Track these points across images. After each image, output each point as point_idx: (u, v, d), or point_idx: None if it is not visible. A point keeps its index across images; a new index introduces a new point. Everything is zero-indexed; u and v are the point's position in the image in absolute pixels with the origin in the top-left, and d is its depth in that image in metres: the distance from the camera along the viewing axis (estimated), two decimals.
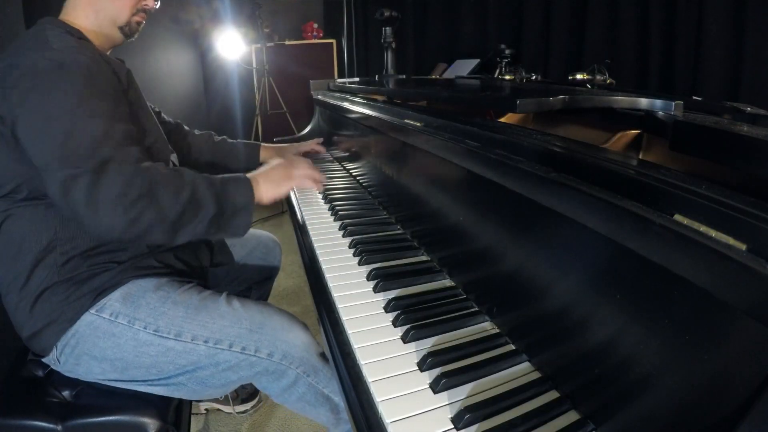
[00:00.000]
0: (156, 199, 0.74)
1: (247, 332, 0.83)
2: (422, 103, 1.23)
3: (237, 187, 0.85)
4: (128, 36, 0.96)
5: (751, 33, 1.62)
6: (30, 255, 0.81)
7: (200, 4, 3.40)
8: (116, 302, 0.83)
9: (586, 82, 1.17)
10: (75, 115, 0.74)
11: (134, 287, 0.85)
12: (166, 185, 0.75)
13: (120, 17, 0.92)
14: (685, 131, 0.55)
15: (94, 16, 0.90)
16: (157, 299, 0.84)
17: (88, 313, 0.81)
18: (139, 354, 0.82)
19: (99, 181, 0.70)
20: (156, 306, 0.83)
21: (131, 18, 0.93)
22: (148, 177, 0.74)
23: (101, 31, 0.92)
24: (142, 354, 0.82)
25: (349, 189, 1.27)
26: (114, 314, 0.82)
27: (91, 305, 0.81)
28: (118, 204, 0.71)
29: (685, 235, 0.35)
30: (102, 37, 0.92)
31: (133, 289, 0.84)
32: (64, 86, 0.75)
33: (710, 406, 0.34)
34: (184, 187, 0.77)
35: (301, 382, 0.86)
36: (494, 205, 0.65)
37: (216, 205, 0.79)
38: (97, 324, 0.81)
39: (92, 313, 0.81)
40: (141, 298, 0.84)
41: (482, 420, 0.48)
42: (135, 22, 0.95)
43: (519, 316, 0.61)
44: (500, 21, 2.59)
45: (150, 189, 0.73)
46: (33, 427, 0.78)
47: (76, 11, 0.90)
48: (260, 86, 3.31)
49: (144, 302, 0.83)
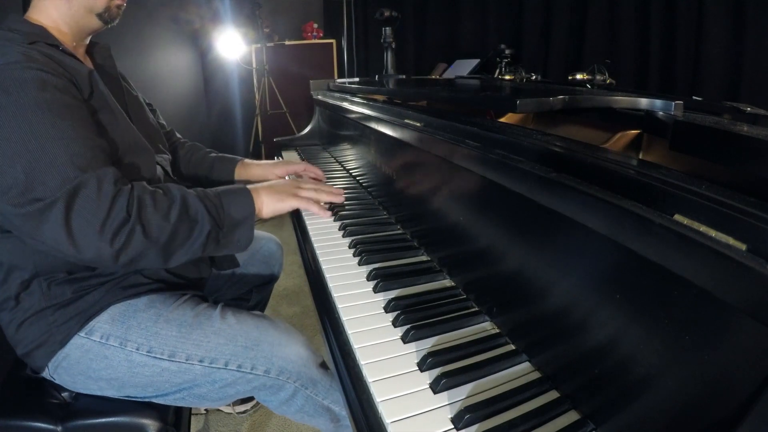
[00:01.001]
0: (143, 221, 0.68)
1: (243, 349, 0.80)
2: (422, 103, 1.23)
3: (236, 198, 0.80)
4: (108, 22, 0.88)
5: (751, 33, 1.62)
6: (15, 282, 0.78)
7: (200, 4, 3.40)
8: (105, 324, 0.79)
9: (586, 82, 1.17)
10: (32, 145, 0.65)
11: (123, 307, 0.81)
12: (152, 205, 0.70)
13: (97, 4, 0.84)
14: (685, 131, 0.55)
15: (67, 7, 0.83)
16: (148, 318, 0.80)
17: (77, 336, 0.79)
18: (134, 374, 0.79)
19: (72, 210, 0.64)
20: (148, 326, 0.80)
21: (110, 3, 0.86)
22: (130, 198, 0.69)
23: (75, 21, 0.84)
24: (136, 374, 0.79)
25: (349, 189, 1.27)
26: (104, 336, 0.79)
27: (79, 329, 0.79)
28: (102, 233, 0.65)
29: (685, 235, 0.35)
30: (76, 28, 0.85)
31: (122, 309, 0.81)
32: (13, 112, 0.66)
33: (710, 406, 0.34)
34: (172, 204, 0.72)
35: (300, 395, 0.84)
36: (494, 205, 0.65)
37: (212, 220, 0.75)
38: (88, 347, 0.79)
39: (82, 336, 0.79)
40: (131, 318, 0.80)
41: (482, 420, 0.48)
42: (115, 7, 0.87)
43: (519, 316, 0.61)
44: (500, 21, 2.59)
45: (135, 211, 0.68)
46: (33, 428, 0.78)
47: (42, 4, 0.82)
48: (260, 86, 3.31)
49: (135, 322, 0.80)
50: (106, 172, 0.69)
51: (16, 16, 0.82)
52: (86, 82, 0.81)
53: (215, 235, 0.76)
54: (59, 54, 0.80)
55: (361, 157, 1.31)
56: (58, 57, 0.78)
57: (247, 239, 0.81)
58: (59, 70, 0.75)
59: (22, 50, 0.73)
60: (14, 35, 0.76)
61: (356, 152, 1.36)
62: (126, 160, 0.84)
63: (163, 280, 0.87)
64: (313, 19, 3.73)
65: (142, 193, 0.71)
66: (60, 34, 0.84)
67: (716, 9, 1.68)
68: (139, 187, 0.72)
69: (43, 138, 0.66)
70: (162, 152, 1.02)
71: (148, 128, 0.99)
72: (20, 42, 0.75)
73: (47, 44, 0.79)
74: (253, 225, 0.82)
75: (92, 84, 0.82)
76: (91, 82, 0.82)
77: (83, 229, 0.65)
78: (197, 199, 0.76)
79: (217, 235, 0.77)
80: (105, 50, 0.97)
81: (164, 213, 0.71)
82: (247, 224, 0.81)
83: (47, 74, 0.71)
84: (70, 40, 0.87)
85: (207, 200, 0.77)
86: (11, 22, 0.80)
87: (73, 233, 0.65)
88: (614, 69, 1.26)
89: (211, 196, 0.78)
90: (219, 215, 0.77)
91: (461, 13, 2.79)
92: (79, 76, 0.80)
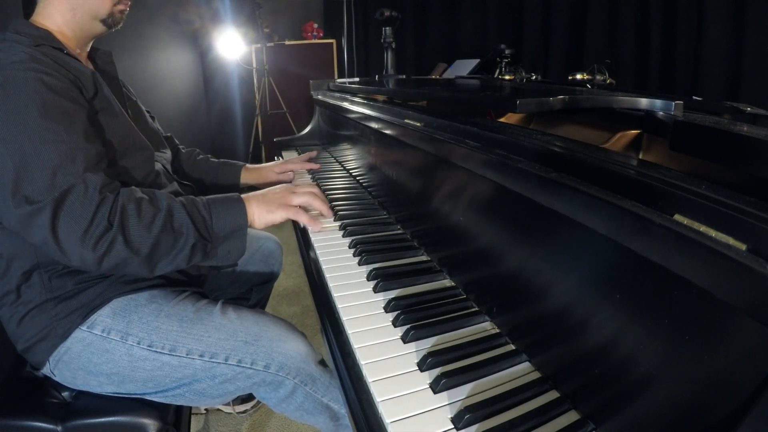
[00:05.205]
0: (125, 231, 0.69)
1: (243, 344, 0.81)
2: (422, 103, 1.23)
3: (227, 209, 0.80)
4: (111, 27, 0.90)
5: (751, 33, 1.62)
6: (17, 275, 0.79)
7: (200, 4, 3.40)
8: (107, 318, 0.80)
9: (586, 82, 1.17)
10: (25, 145, 0.67)
11: (125, 301, 0.82)
12: (136, 215, 0.70)
13: (101, 11, 0.87)
14: (685, 131, 0.55)
15: (72, 14, 0.85)
16: (149, 313, 0.81)
17: (78, 329, 0.79)
18: (134, 369, 0.80)
19: (59, 215, 0.66)
20: (149, 320, 0.80)
21: (113, 9, 0.88)
22: (115, 206, 0.69)
23: (79, 27, 0.87)
24: (137, 369, 0.80)
25: (349, 189, 1.27)
26: (106, 330, 0.79)
27: (81, 322, 0.79)
28: (85, 239, 0.66)
29: (685, 235, 0.35)
30: (80, 33, 0.87)
31: (124, 304, 0.81)
32: (9, 111, 0.68)
33: (710, 406, 0.34)
34: (157, 215, 0.72)
35: (299, 391, 0.84)
36: (494, 205, 0.65)
37: (197, 233, 0.74)
38: (89, 340, 0.79)
39: (83, 330, 0.79)
40: (133, 312, 0.81)
41: (482, 420, 0.48)
42: (118, 12, 0.89)
43: (519, 316, 0.61)
44: (500, 21, 2.59)
45: (118, 220, 0.68)
46: (33, 427, 0.78)
47: (47, 10, 0.84)
48: (260, 86, 3.31)
49: (136, 317, 0.80)
50: (93, 178, 0.70)
51: (22, 20, 0.84)
52: (90, 83, 0.83)
53: (202, 247, 0.76)
54: (64, 56, 0.81)
55: (361, 157, 1.31)
56: (62, 59, 0.80)
57: (239, 251, 0.80)
58: (62, 71, 0.77)
59: (28, 51, 0.74)
60: (21, 37, 0.78)
61: (356, 152, 1.36)
62: (126, 159, 0.85)
63: (164, 276, 0.87)
64: (313, 19, 3.74)
65: (127, 201, 0.71)
66: (64, 38, 0.87)
67: (716, 9, 1.68)
68: (125, 195, 0.72)
69: (36, 140, 0.68)
70: (161, 151, 1.03)
71: (147, 130, 1.01)
72: (27, 44, 0.77)
73: (52, 47, 0.81)
74: (245, 237, 0.80)
75: (96, 85, 0.84)
76: (95, 84, 0.84)
77: (68, 236, 0.66)
78: (184, 211, 0.75)
79: (204, 247, 0.76)
80: (107, 56, 0.99)
81: (147, 223, 0.71)
82: (238, 236, 0.80)
83: (48, 76, 0.73)
84: (74, 44, 0.89)
85: (195, 212, 0.76)
86: (18, 25, 0.82)
87: (59, 238, 0.66)
88: (614, 69, 1.26)
89: (200, 207, 0.78)
90: (206, 228, 0.76)
91: (461, 13, 2.80)
92: (84, 77, 0.82)
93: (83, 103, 0.78)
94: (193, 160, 1.27)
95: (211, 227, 0.77)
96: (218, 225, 0.78)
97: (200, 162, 1.28)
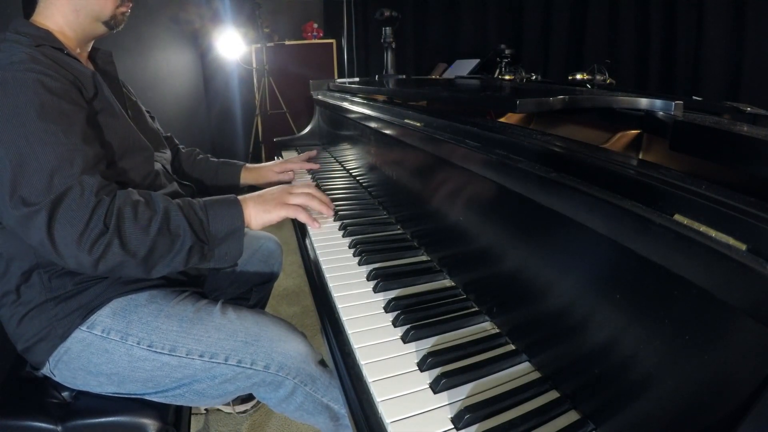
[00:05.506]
0: (121, 234, 0.68)
1: (243, 345, 0.81)
2: (422, 103, 1.23)
3: (224, 210, 0.80)
4: (113, 28, 0.90)
5: (751, 33, 1.62)
6: (16, 275, 0.79)
7: (200, 4, 3.40)
8: (107, 318, 0.80)
9: (586, 82, 1.17)
10: (23, 146, 0.67)
11: (125, 302, 0.81)
12: (132, 217, 0.70)
13: (103, 13, 0.87)
14: (685, 131, 0.55)
15: (74, 15, 0.85)
16: (149, 313, 0.81)
17: (78, 330, 0.79)
18: (134, 369, 0.80)
19: (55, 217, 0.65)
20: (149, 320, 0.80)
21: (116, 11, 0.88)
22: (111, 209, 0.69)
23: (81, 28, 0.86)
24: (137, 369, 0.80)
25: (349, 189, 1.27)
26: (106, 330, 0.79)
27: (81, 322, 0.79)
28: (81, 242, 0.66)
29: (685, 235, 0.35)
30: (81, 33, 0.87)
31: (123, 304, 0.81)
32: (8, 112, 0.68)
33: (710, 406, 0.34)
34: (153, 217, 0.72)
35: (299, 392, 0.84)
36: (494, 205, 0.65)
37: (194, 235, 0.74)
38: (89, 340, 0.79)
39: (83, 330, 0.79)
40: (133, 312, 0.81)
41: (482, 420, 0.48)
42: (120, 14, 0.89)
43: (519, 316, 0.61)
44: (500, 21, 2.59)
45: (114, 223, 0.68)
46: (33, 427, 0.78)
47: (49, 10, 0.84)
48: (260, 86, 3.31)
49: (136, 317, 0.80)
50: (90, 181, 0.70)
51: (22, 20, 0.83)
52: (90, 83, 0.82)
53: (199, 249, 0.76)
54: (64, 57, 0.81)
55: (361, 157, 1.31)
56: (62, 60, 0.80)
57: (236, 253, 0.80)
58: (62, 72, 0.76)
59: (28, 51, 0.74)
60: (22, 38, 0.78)
61: (356, 152, 1.36)
62: (126, 159, 0.85)
63: (163, 276, 0.87)
64: (313, 19, 3.74)
65: (123, 204, 0.71)
66: (65, 38, 0.86)
67: (716, 9, 1.68)
68: (122, 198, 0.72)
69: (34, 142, 0.68)
70: (161, 151, 1.03)
71: (147, 130, 1.01)
72: (27, 44, 0.76)
73: (53, 48, 0.80)
74: (242, 238, 0.80)
75: (96, 85, 0.84)
76: (96, 84, 0.84)
77: (64, 238, 0.66)
78: (180, 213, 0.75)
79: (201, 249, 0.76)
80: (107, 56, 0.99)
81: (144, 226, 0.71)
82: (235, 238, 0.79)
83: (47, 77, 0.72)
84: (75, 44, 0.89)
85: (192, 214, 0.76)
86: (19, 24, 0.81)
87: (55, 240, 0.66)
88: (614, 69, 1.26)
89: (197, 209, 0.77)
90: (203, 230, 0.76)
91: (461, 13, 2.80)
92: (84, 77, 0.81)
93: (83, 104, 0.78)
94: (192, 160, 1.28)
95: (208, 229, 0.77)
96: (215, 227, 0.78)
97: (200, 162, 1.28)
